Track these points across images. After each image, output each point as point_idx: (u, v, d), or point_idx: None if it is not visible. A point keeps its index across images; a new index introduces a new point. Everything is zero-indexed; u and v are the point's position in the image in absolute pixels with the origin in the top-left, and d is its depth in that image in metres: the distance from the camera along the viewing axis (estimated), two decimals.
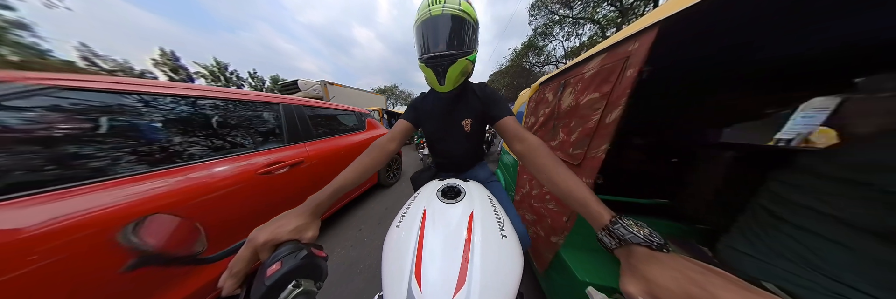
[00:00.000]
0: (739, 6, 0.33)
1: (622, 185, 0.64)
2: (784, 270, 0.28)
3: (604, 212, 0.20)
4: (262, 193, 0.73)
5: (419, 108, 0.50)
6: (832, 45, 0.43)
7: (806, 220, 0.28)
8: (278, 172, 0.78)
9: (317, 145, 1.04)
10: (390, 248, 0.29)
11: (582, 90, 0.48)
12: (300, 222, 0.24)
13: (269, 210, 0.75)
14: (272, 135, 0.86)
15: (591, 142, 0.41)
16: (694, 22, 0.32)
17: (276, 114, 0.90)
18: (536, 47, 14.40)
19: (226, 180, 0.64)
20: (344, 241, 1.12)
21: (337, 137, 1.26)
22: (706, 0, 0.23)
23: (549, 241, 0.55)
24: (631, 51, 0.34)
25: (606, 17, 10.15)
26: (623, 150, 0.73)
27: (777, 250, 0.29)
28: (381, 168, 0.39)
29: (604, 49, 0.42)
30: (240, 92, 0.79)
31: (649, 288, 0.14)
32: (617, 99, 0.36)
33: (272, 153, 0.80)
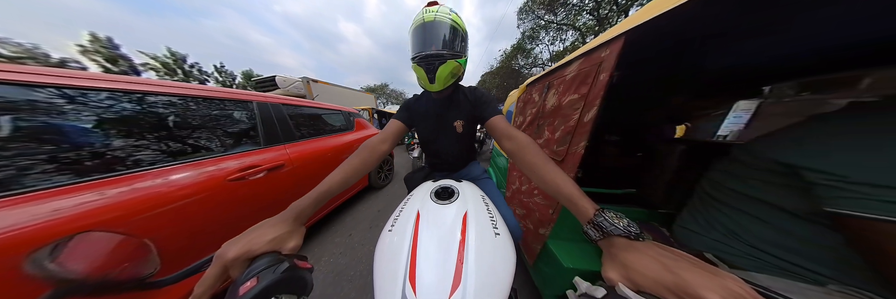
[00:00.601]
0: (683, 25, 0.40)
1: (598, 178, 0.72)
2: (718, 242, 0.34)
3: (589, 206, 0.22)
4: (234, 202, 0.66)
5: (412, 109, 0.51)
6: (750, 61, 0.53)
7: (734, 201, 0.34)
8: (254, 178, 0.71)
9: (299, 147, 0.97)
10: (383, 253, 0.28)
11: (564, 91, 0.52)
12: (280, 231, 0.22)
13: (244, 220, 0.68)
14: (245, 136, 0.78)
15: (572, 139, 0.45)
16: (652, 34, 0.36)
17: (250, 113, 0.81)
18: (525, 50, 14.98)
19: (187, 189, 0.56)
20: (332, 249, 1.05)
21: (323, 138, 1.18)
22: (662, 16, 0.27)
23: (538, 233, 0.59)
24: (603, 57, 0.37)
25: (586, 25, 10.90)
26: (598, 146, 0.81)
27: (714, 226, 0.35)
28: (371, 169, 0.37)
29: (581, 54, 0.46)
30: (203, 88, 0.70)
31: (627, 273, 0.16)
32: (593, 100, 0.39)
33: (246, 156, 0.73)
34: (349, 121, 1.58)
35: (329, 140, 1.22)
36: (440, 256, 0.25)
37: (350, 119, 1.60)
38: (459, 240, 0.27)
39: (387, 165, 2.03)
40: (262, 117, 0.85)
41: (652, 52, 0.53)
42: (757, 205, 0.31)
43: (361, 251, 1.03)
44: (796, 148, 0.28)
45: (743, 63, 0.54)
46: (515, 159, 0.33)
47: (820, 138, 0.27)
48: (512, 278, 0.25)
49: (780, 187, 0.29)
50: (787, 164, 0.27)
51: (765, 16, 0.37)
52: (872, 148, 0.24)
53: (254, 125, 0.81)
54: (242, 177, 0.68)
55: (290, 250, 0.22)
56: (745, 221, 0.32)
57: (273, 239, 0.21)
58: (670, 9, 0.25)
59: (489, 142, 3.29)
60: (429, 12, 0.40)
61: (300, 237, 0.24)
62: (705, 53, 0.52)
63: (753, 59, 0.51)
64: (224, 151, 0.70)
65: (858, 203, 0.23)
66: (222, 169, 0.65)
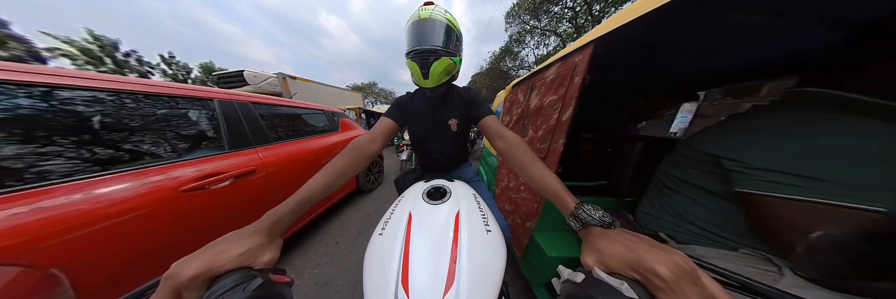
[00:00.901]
0: (640, 36, 0.47)
1: (574, 172, 0.79)
2: (669, 223, 0.40)
3: (571, 200, 0.23)
4: (192, 215, 0.57)
5: (405, 108, 0.50)
6: (688, 71, 0.65)
7: (679, 187, 0.40)
8: (217, 186, 0.63)
9: (275, 150, 0.87)
10: (373, 258, 0.27)
11: (545, 92, 0.55)
12: (251, 244, 0.19)
13: (207, 235, 0.61)
14: (205, 139, 0.68)
15: (552, 137, 0.48)
16: (616, 43, 0.41)
17: (210, 112, 0.70)
18: (512, 52, 15.58)
19: (121, 204, 0.46)
20: (317, 259, 0.97)
21: (303, 140, 1.09)
22: (622, 27, 0.30)
23: (525, 227, 0.62)
24: (577, 61, 0.41)
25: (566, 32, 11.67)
26: (575, 143, 0.90)
27: (666, 210, 0.42)
28: (359, 171, 0.35)
29: (559, 58, 0.50)
30: (145, 82, 0.58)
31: (601, 258, 0.17)
32: (569, 100, 0.43)
33: (206, 162, 0.63)
34: (333, 122, 1.48)
35: (310, 142, 1.13)
36: (433, 257, 0.25)
37: (334, 119, 1.50)
38: (452, 239, 0.27)
39: (376, 167, 1.94)
40: (227, 117, 0.74)
41: (617, 59, 0.60)
42: (694, 190, 0.37)
43: (350, 259, 0.97)
44: (719, 142, 0.34)
45: (684, 72, 0.66)
46: (506, 157, 0.34)
47: (734, 134, 0.34)
48: (503, 273, 0.26)
49: (708, 174, 0.35)
50: (713, 155, 0.33)
51: (689, 39, 0.47)
52: (767, 140, 0.30)
53: (216, 126, 0.71)
54: (201, 187, 0.59)
55: (266, 264, 0.20)
56: (687, 204, 0.38)
57: (242, 253, 0.19)
58: (627, 22, 0.30)
59: (479, 141, 3.35)
60: (425, 10, 0.40)
61: (277, 249, 0.21)
62: (658, 62, 0.62)
63: (690, 69, 0.64)
64: (176, 157, 0.59)
65: (753, 183, 0.29)
66: (174, 178, 0.55)
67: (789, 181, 0.26)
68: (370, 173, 1.80)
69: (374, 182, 1.88)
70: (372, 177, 1.83)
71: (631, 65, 0.64)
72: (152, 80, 0.61)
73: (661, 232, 0.41)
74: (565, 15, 11.03)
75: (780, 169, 0.27)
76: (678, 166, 0.40)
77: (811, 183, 0.25)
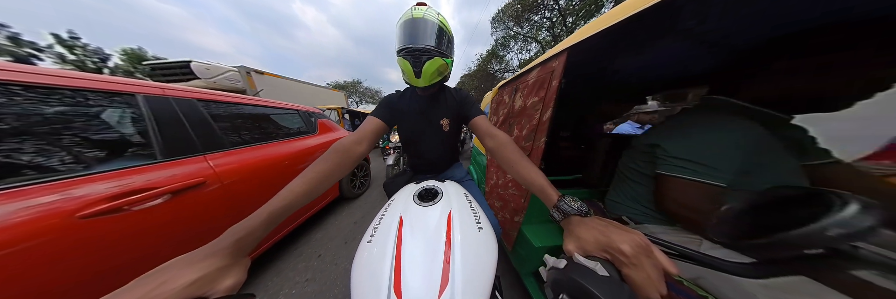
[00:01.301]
0: (604, 48, 0.55)
1: (554, 167, 0.87)
2: (629, 207, 0.47)
3: (554, 194, 0.25)
4: (106, 248, 0.44)
5: (395, 107, 0.48)
6: (640, 79, 0.80)
7: (633, 175, 0.47)
8: (145, 206, 0.49)
9: (235, 157, 0.73)
10: (361, 267, 0.26)
11: (527, 94, 0.60)
12: (206, 270, 0.16)
13: (133, 270, 0.47)
14: (124, 146, 0.52)
15: (535, 135, 0.52)
16: (584, 52, 0.47)
17: (134, 111, 0.54)
18: (498, 56, 16.26)
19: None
20: (296, 276, 0.85)
21: (272, 144, 0.93)
22: (594, 36, 0.35)
23: (513, 221, 0.66)
24: (554, 66, 0.45)
25: (545, 40, 12.61)
26: (554, 141, 0.99)
27: (626, 196, 0.49)
28: (344, 176, 0.32)
29: (539, 63, 0.54)
30: (22, 68, 0.43)
31: (579, 243, 0.19)
32: (549, 102, 0.47)
33: (125, 176, 0.48)
34: (310, 123, 1.30)
35: (282, 146, 0.98)
36: (426, 259, 0.25)
37: (311, 120, 1.33)
38: (445, 240, 0.27)
39: (362, 171, 1.78)
40: (158, 117, 0.58)
41: (586, 66, 0.69)
42: (643, 177, 0.45)
43: (336, 271, 0.88)
44: (658, 135, 0.42)
45: (636, 79, 0.81)
46: (495, 155, 0.36)
47: (667, 130, 0.42)
48: (495, 267, 0.26)
49: (649, 162, 0.43)
50: (651, 144, 0.41)
51: (637, 53, 0.59)
52: (684, 134, 0.39)
53: (143, 129, 0.55)
54: (116, 209, 0.45)
55: (227, 291, 0.17)
56: (639, 189, 0.46)
57: (193, 282, 0.15)
58: (594, 34, 0.34)
59: (469, 141, 3.44)
60: (418, 10, 0.40)
61: (242, 271, 0.19)
62: (615, 70, 0.74)
63: (640, 77, 0.79)
64: (77, 171, 0.44)
65: (664, 166, 0.38)
66: (71, 198, 0.41)
67: (685, 165, 0.35)
68: (355, 178, 1.66)
69: (360, 187, 1.73)
70: (358, 181, 1.69)
71: (596, 71, 0.75)
72: (39, 68, 0.45)
73: (624, 215, 0.48)
74: (544, 24, 11.94)
75: (686, 156, 0.35)
76: (631, 158, 0.48)
77: (696, 166, 0.34)
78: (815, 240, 0.15)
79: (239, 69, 3.34)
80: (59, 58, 17.09)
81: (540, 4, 11.04)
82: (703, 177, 0.33)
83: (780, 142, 0.35)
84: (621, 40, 0.49)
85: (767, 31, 0.39)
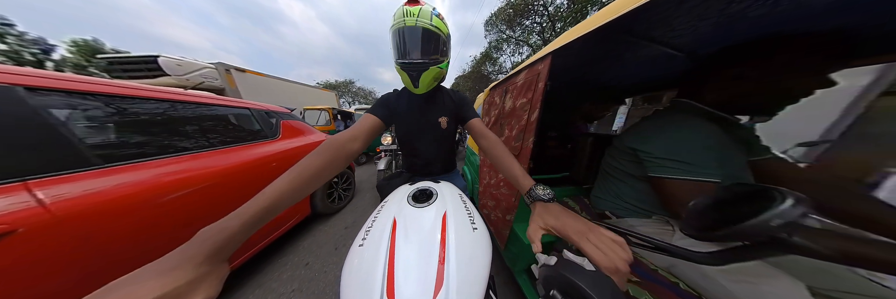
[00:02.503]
0: (580, 53, 0.58)
1: (543, 166, 0.91)
2: (611, 203, 0.50)
3: (527, 183, 0.30)
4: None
5: (393, 106, 0.48)
6: (618, 81, 0.86)
7: (615, 173, 0.49)
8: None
9: (104, 180, 0.45)
10: (352, 273, 0.25)
11: (517, 95, 0.61)
12: (174, 283, 0.14)
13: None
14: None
15: (524, 135, 0.54)
16: (567, 56, 0.51)
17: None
18: (491, 58, 16.61)
19: None
20: (280, 287, 0.79)
21: (196, 156, 0.65)
22: (576, 40, 0.37)
23: (505, 219, 0.67)
24: (540, 69, 0.47)
25: (535, 44, 13.06)
26: (542, 141, 1.03)
27: (609, 192, 0.50)
28: (336, 174, 0.29)
29: (526, 66, 0.56)
30: None
31: (541, 221, 0.24)
32: (536, 103, 0.49)
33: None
34: (267, 124, 1.00)
35: (215, 157, 0.69)
36: (421, 261, 0.25)
37: (270, 121, 1.03)
38: (440, 241, 0.27)
39: (344, 181, 1.46)
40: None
41: (569, 69, 0.72)
42: (624, 175, 0.47)
43: (325, 280, 0.83)
44: (636, 137, 0.44)
45: (615, 82, 0.87)
46: (487, 153, 0.40)
47: (644, 131, 0.45)
48: (489, 266, 0.27)
49: (631, 162, 0.45)
50: (632, 148, 0.44)
51: (615, 57, 0.63)
52: (663, 135, 0.41)
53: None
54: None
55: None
56: (621, 186, 0.48)
57: (166, 295, 0.13)
58: (574, 39, 0.36)
59: (464, 142, 3.49)
60: (410, 16, 0.37)
61: (218, 283, 0.16)
62: (596, 74, 0.78)
63: (618, 80, 0.84)
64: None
65: (655, 169, 0.39)
66: None
67: (673, 165, 0.37)
68: (334, 188, 1.35)
69: (340, 201, 1.41)
70: (338, 193, 1.38)
71: (578, 74, 0.79)
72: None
73: (607, 210, 0.51)
74: (535, 29, 12.38)
75: (668, 156, 0.38)
76: (613, 157, 0.50)
77: (682, 165, 0.36)
78: (762, 230, 0.17)
79: (216, 66, 3.04)
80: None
81: (531, 10, 11.45)
82: (694, 175, 0.35)
83: (730, 139, 0.39)
84: (600, 45, 0.53)
85: (718, 40, 0.44)
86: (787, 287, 0.31)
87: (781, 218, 0.17)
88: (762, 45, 0.34)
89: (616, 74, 0.77)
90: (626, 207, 0.47)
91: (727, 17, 0.37)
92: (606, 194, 0.51)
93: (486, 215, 0.83)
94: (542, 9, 11.23)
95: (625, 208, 0.47)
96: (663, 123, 0.42)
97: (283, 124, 1.09)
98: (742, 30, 0.40)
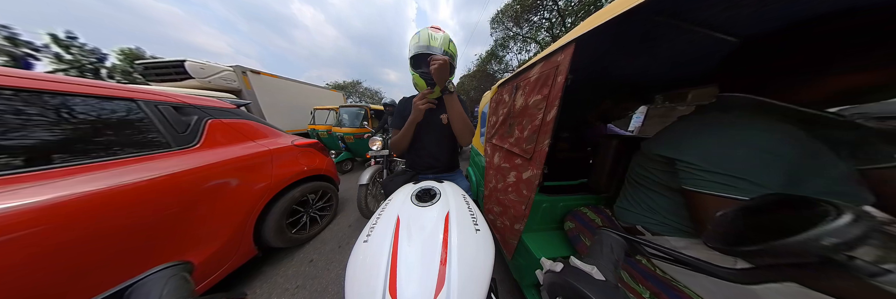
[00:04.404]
0: (604, 41, 0.52)
1: (557, 171, 0.83)
2: (643, 216, 0.43)
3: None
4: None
5: (405, 111, 0.61)
6: (646, 77, 0.76)
7: (647, 183, 0.43)
8: None
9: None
10: (357, 268, 0.26)
11: (529, 92, 0.55)
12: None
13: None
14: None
15: (538, 137, 0.48)
16: (590, 45, 0.43)
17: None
18: (497, 56, 16.30)
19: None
20: (285, 283, 0.83)
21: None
22: (609, 22, 0.30)
23: (513, 229, 0.61)
24: (559, 60, 0.41)
25: (544, 41, 12.68)
26: (556, 143, 0.94)
27: (639, 204, 0.44)
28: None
29: (542, 58, 0.50)
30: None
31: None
32: (552, 100, 0.42)
33: None
34: (179, 126, 0.64)
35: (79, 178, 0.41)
36: (423, 261, 0.25)
37: (186, 120, 0.67)
38: (442, 242, 0.27)
39: (322, 198, 1.13)
40: None
41: (590, 61, 0.65)
42: (658, 186, 0.41)
43: (328, 277, 0.86)
44: (671, 144, 0.37)
45: (639, 77, 0.78)
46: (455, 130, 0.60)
47: (685, 137, 0.36)
48: (491, 269, 0.26)
49: (666, 172, 0.38)
50: (667, 157, 0.36)
51: (641, 48, 0.56)
52: (708, 141, 0.32)
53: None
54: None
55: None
56: (655, 198, 0.41)
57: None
58: (604, 22, 0.30)
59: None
60: (434, 38, 0.52)
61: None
62: (624, 67, 0.70)
63: (643, 75, 0.76)
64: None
65: (695, 182, 0.32)
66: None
67: (720, 180, 0.29)
68: (305, 209, 1.02)
69: (311, 227, 1.08)
70: (308, 217, 1.06)
71: (599, 67, 0.71)
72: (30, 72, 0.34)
73: (637, 225, 0.44)
74: (543, 25, 11.98)
75: (715, 169, 0.30)
76: (643, 166, 0.43)
77: (737, 182, 0.28)
78: (809, 249, 0.14)
79: (234, 69, 3.31)
80: (55, 57, 17.47)
81: (539, 5, 11.09)
82: (743, 193, 0.28)
83: (821, 143, 0.29)
84: (630, 31, 0.46)
85: (793, 17, 0.35)
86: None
87: (836, 236, 0.13)
88: (846, 21, 0.26)
89: (643, 67, 0.68)
90: (664, 223, 0.40)
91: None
92: (636, 206, 0.44)
93: (492, 221, 0.78)
94: (551, 4, 10.85)
95: (662, 224, 0.40)
96: (709, 125, 0.34)
97: (210, 126, 0.70)
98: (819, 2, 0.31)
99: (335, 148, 2.83)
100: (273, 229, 0.86)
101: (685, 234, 0.38)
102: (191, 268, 0.18)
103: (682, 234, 0.38)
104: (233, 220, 0.70)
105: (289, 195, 0.92)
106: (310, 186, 1.03)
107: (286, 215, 0.92)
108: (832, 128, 0.31)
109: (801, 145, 0.28)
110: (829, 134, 0.30)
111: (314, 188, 1.06)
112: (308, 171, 1.01)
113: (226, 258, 0.69)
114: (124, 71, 20.53)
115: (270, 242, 0.87)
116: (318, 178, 1.11)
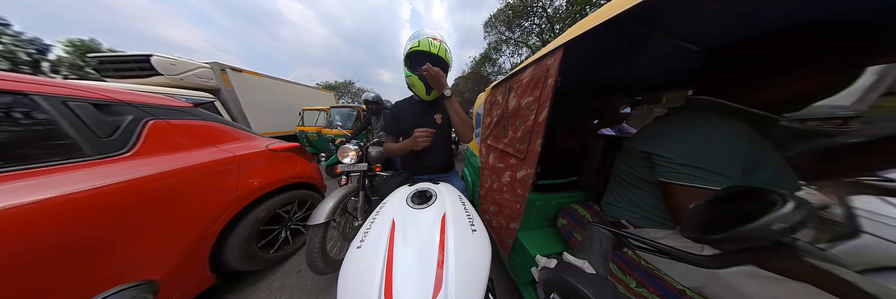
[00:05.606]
0: (591, 45, 0.55)
1: (549, 170, 0.87)
2: (627, 210, 0.46)
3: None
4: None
5: (400, 115, 0.65)
6: (629, 80, 0.83)
7: (630, 179, 0.46)
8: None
9: None
10: (349, 275, 0.25)
11: (522, 94, 0.57)
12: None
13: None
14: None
15: (530, 137, 0.49)
16: (578, 49, 0.46)
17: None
18: (491, 59, 16.73)
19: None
20: (270, 297, 0.78)
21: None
22: (592, 29, 0.32)
23: (509, 228, 0.62)
24: (549, 64, 0.43)
25: (535, 45, 13.22)
26: (549, 143, 0.98)
27: (623, 199, 0.47)
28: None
29: (533, 61, 0.52)
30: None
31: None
32: (544, 102, 0.44)
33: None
34: (105, 128, 0.49)
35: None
36: (420, 264, 0.25)
37: (115, 121, 0.51)
38: (439, 243, 0.27)
39: (301, 207, 0.94)
40: None
41: (577, 64, 0.69)
42: (640, 181, 0.43)
43: (317, 286, 0.81)
44: (650, 140, 0.41)
45: (624, 80, 0.83)
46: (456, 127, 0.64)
47: (660, 134, 0.41)
48: (488, 269, 0.27)
49: (645, 167, 0.41)
50: (646, 152, 0.40)
51: (625, 54, 0.60)
52: (683, 139, 0.37)
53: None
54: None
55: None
56: (637, 192, 0.44)
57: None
58: (591, 28, 0.32)
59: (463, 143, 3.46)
60: (433, 45, 0.57)
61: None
62: (611, 70, 0.75)
63: (627, 78, 0.81)
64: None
65: (667, 174, 0.36)
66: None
67: (690, 172, 0.33)
68: (282, 225, 0.88)
69: (289, 243, 0.93)
70: (289, 232, 0.92)
71: (585, 71, 0.76)
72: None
73: (622, 219, 0.46)
74: (534, 30, 12.51)
75: (689, 163, 0.34)
76: (625, 162, 0.46)
77: (700, 172, 0.32)
78: (763, 234, 0.17)
79: (212, 66, 2.97)
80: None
81: (530, 11, 11.58)
82: (712, 183, 0.32)
83: (767, 140, 0.35)
84: (613, 37, 0.49)
85: (748, 32, 0.40)
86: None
87: (783, 222, 0.16)
88: (790, 36, 0.31)
89: (629, 71, 0.74)
90: (644, 216, 0.43)
91: (757, 5, 0.33)
92: (621, 201, 0.47)
93: (488, 221, 0.78)
94: (541, 11, 11.36)
95: (644, 217, 0.43)
96: (681, 124, 0.39)
97: (152, 128, 0.55)
98: (770, 19, 0.36)
99: (326, 150, 2.71)
100: (237, 249, 0.69)
101: (663, 226, 0.41)
102: (155, 289, 0.16)
103: (661, 226, 0.42)
104: (178, 247, 0.50)
105: (263, 206, 0.73)
106: (289, 195, 0.84)
107: (258, 235, 0.76)
108: (773, 127, 0.37)
109: (754, 141, 0.33)
110: (770, 132, 0.36)
111: (295, 197, 0.87)
112: (286, 179, 0.83)
113: (188, 282, 0.56)
114: (73, 65, 17.03)
115: (231, 262, 0.70)
116: (300, 187, 0.90)
